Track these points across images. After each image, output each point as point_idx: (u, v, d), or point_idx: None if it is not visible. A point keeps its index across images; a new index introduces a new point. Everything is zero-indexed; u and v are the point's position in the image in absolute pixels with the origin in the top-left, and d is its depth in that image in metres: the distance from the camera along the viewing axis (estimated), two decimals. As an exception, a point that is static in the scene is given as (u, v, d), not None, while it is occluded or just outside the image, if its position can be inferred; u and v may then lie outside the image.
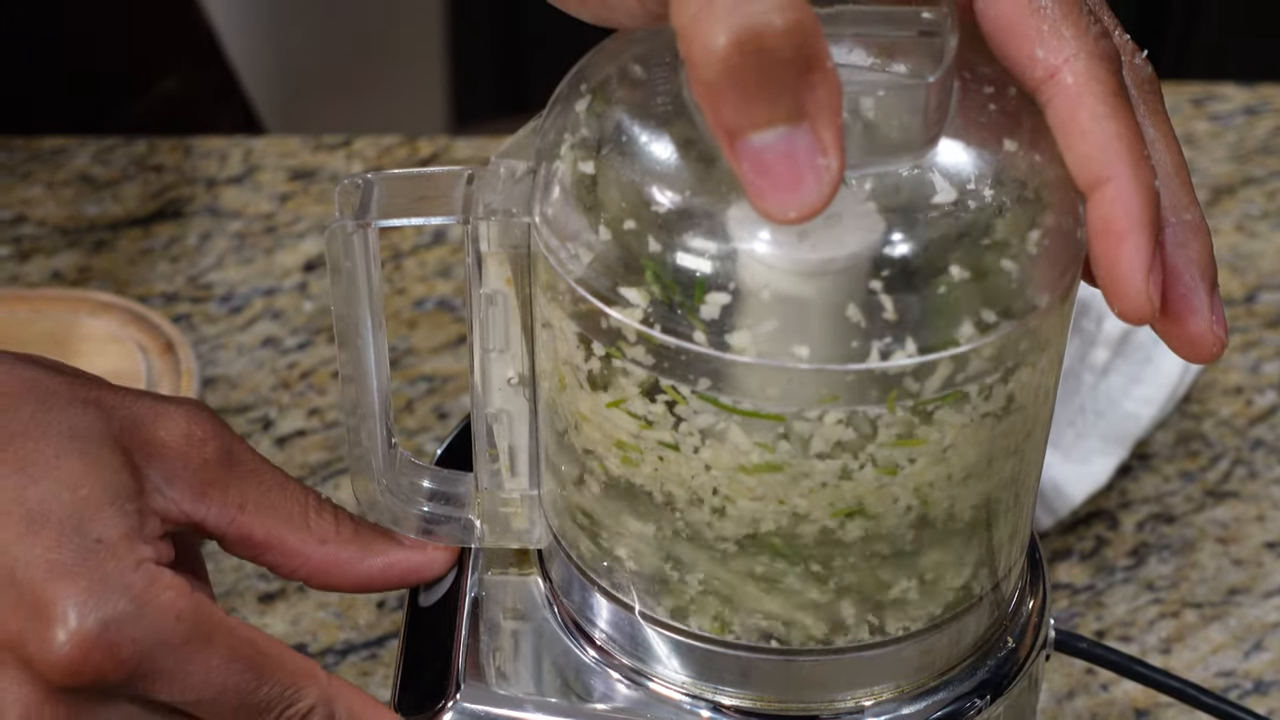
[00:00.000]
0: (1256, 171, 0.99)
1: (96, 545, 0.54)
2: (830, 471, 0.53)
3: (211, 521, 0.58)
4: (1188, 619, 0.78)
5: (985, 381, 0.53)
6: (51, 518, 0.54)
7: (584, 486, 0.58)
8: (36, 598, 0.53)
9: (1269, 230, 0.95)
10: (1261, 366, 0.88)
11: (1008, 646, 0.61)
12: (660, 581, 0.58)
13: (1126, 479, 0.83)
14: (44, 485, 0.55)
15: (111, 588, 0.54)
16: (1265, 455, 0.84)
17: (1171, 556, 0.80)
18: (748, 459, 0.53)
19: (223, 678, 0.55)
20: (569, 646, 0.61)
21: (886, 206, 0.52)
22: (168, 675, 0.55)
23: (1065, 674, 0.75)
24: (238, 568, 0.78)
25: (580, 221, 0.54)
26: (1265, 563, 0.80)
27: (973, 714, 0.59)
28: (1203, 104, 1.03)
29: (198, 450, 0.58)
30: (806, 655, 0.58)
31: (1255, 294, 0.92)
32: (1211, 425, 0.86)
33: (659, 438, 0.54)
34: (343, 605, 0.76)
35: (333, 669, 0.74)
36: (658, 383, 0.53)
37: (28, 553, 0.54)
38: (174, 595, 0.55)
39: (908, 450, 0.53)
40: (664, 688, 0.59)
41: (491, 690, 0.60)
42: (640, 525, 0.57)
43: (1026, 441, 0.56)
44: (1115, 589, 0.78)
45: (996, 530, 0.58)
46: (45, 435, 0.56)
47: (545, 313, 0.56)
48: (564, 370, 0.56)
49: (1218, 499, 0.82)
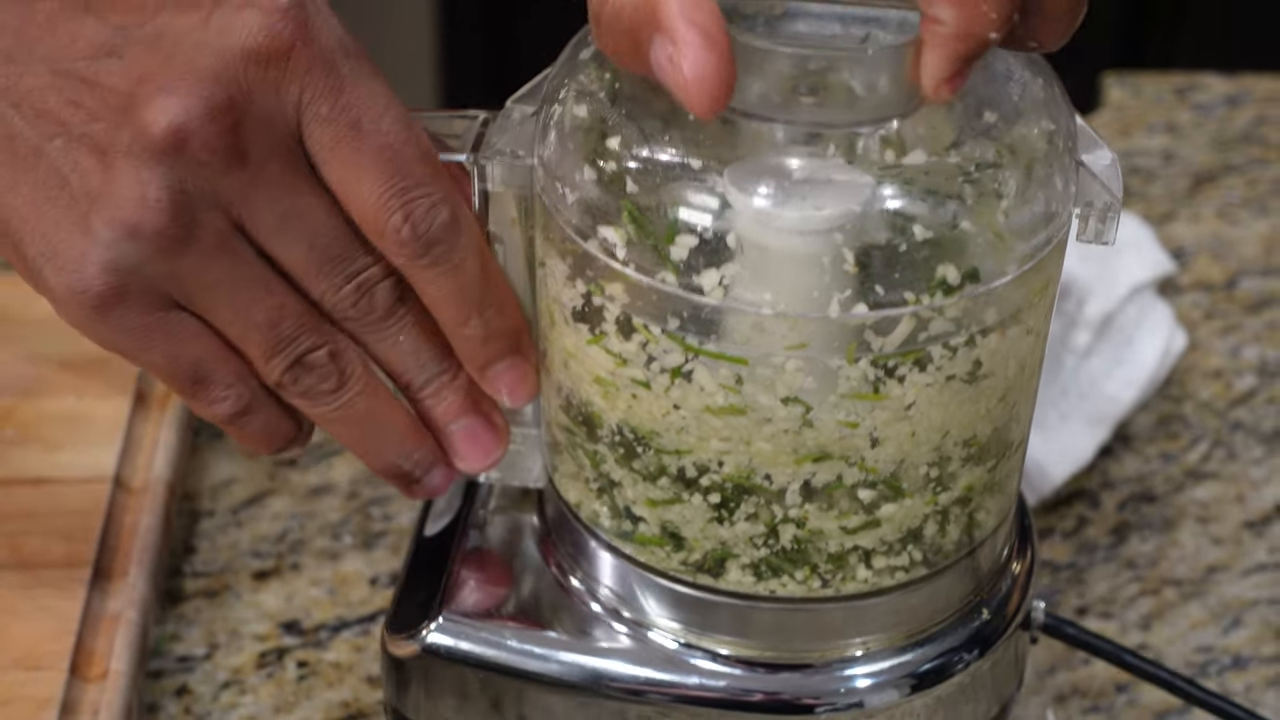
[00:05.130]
0: (1237, 159, 1.00)
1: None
2: (792, 418, 0.55)
3: None
4: (1167, 596, 0.79)
5: (950, 343, 0.54)
6: None
7: (571, 424, 0.59)
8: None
9: (1249, 218, 0.97)
10: (1241, 350, 0.90)
11: (997, 603, 0.63)
12: (638, 521, 0.59)
13: (1108, 459, 0.84)
14: None
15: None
16: (1244, 437, 0.86)
17: (1152, 535, 0.81)
18: (713, 400, 0.55)
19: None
20: (554, 582, 0.63)
21: (861, 166, 0.53)
22: (320, 115, 0.57)
23: (1047, 647, 0.76)
24: (232, 545, 0.79)
25: (570, 162, 0.55)
26: (1244, 541, 0.81)
27: (960, 668, 0.61)
28: (1185, 94, 1.04)
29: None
30: (768, 602, 0.59)
31: (1236, 279, 0.93)
32: (1192, 407, 0.87)
33: (632, 375, 0.56)
34: (336, 582, 0.78)
35: (326, 645, 0.75)
36: (631, 320, 0.55)
37: None
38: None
39: (870, 404, 0.55)
40: (641, 626, 0.61)
41: (474, 618, 0.62)
42: (620, 466, 0.58)
43: (1000, 407, 0.57)
44: (1096, 567, 0.80)
45: (967, 496, 0.59)
46: None
47: (541, 252, 0.58)
48: (554, 308, 0.58)
49: (1197, 479, 0.84)
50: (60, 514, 0.75)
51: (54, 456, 0.78)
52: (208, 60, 0.56)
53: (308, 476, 0.82)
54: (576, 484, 0.61)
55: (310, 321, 0.59)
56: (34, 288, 0.59)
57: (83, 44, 0.57)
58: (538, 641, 0.61)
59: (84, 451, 0.78)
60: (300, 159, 0.57)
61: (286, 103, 0.56)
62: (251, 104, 0.56)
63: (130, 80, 0.56)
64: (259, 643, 0.75)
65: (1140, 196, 0.97)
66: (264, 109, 0.56)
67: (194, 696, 0.73)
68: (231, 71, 0.55)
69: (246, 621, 0.76)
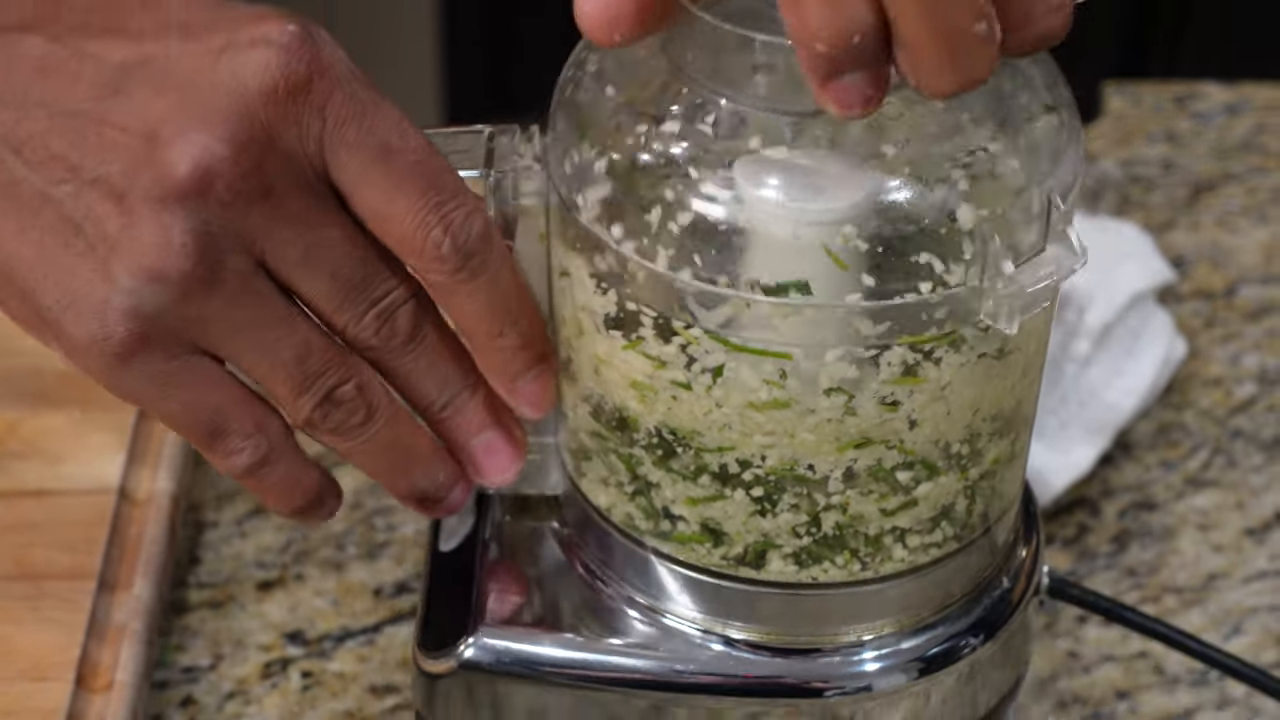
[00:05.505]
0: (1236, 168, 1.00)
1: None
2: (835, 407, 0.56)
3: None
4: (1168, 603, 0.79)
5: (981, 322, 0.55)
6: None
7: (603, 429, 0.60)
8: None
9: (1249, 226, 0.97)
10: (1241, 358, 0.90)
11: (1003, 588, 0.63)
12: (676, 521, 0.60)
13: (1108, 468, 0.84)
14: None
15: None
16: (1244, 445, 0.86)
17: (1152, 543, 0.82)
18: (756, 396, 0.56)
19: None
20: (584, 586, 0.63)
21: (889, 153, 0.54)
22: (340, 143, 0.56)
23: (1048, 657, 0.76)
24: (237, 556, 0.79)
25: (590, 167, 0.56)
26: (1244, 549, 0.81)
27: (967, 652, 0.62)
28: (1184, 103, 1.04)
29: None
30: (810, 589, 0.60)
31: (1235, 288, 0.94)
32: (1192, 415, 0.87)
33: (672, 377, 0.56)
34: (340, 592, 0.78)
35: (330, 655, 0.76)
36: (670, 323, 0.56)
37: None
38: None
39: (908, 387, 0.56)
40: (676, 622, 0.62)
41: (510, 628, 0.62)
42: (658, 467, 0.59)
43: (1022, 381, 0.59)
44: (1097, 574, 0.80)
45: (993, 469, 0.60)
46: None
47: (562, 261, 0.59)
48: (581, 316, 0.58)
49: (1198, 487, 0.84)
50: (65, 526, 0.75)
51: (58, 469, 0.78)
52: (224, 100, 0.55)
53: (311, 487, 0.82)
54: (607, 489, 0.61)
55: (336, 356, 0.59)
56: (41, 338, 0.58)
57: (84, 86, 0.56)
58: (575, 646, 0.62)
59: (88, 463, 0.78)
60: (320, 190, 0.57)
61: (308, 137, 0.56)
62: (273, 141, 0.56)
63: (144, 121, 0.55)
64: (263, 653, 0.76)
65: (1140, 205, 0.98)
66: (286, 145, 0.56)
67: (199, 707, 0.74)
68: (251, 110, 0.55)
69: (251, 632, 0.77)
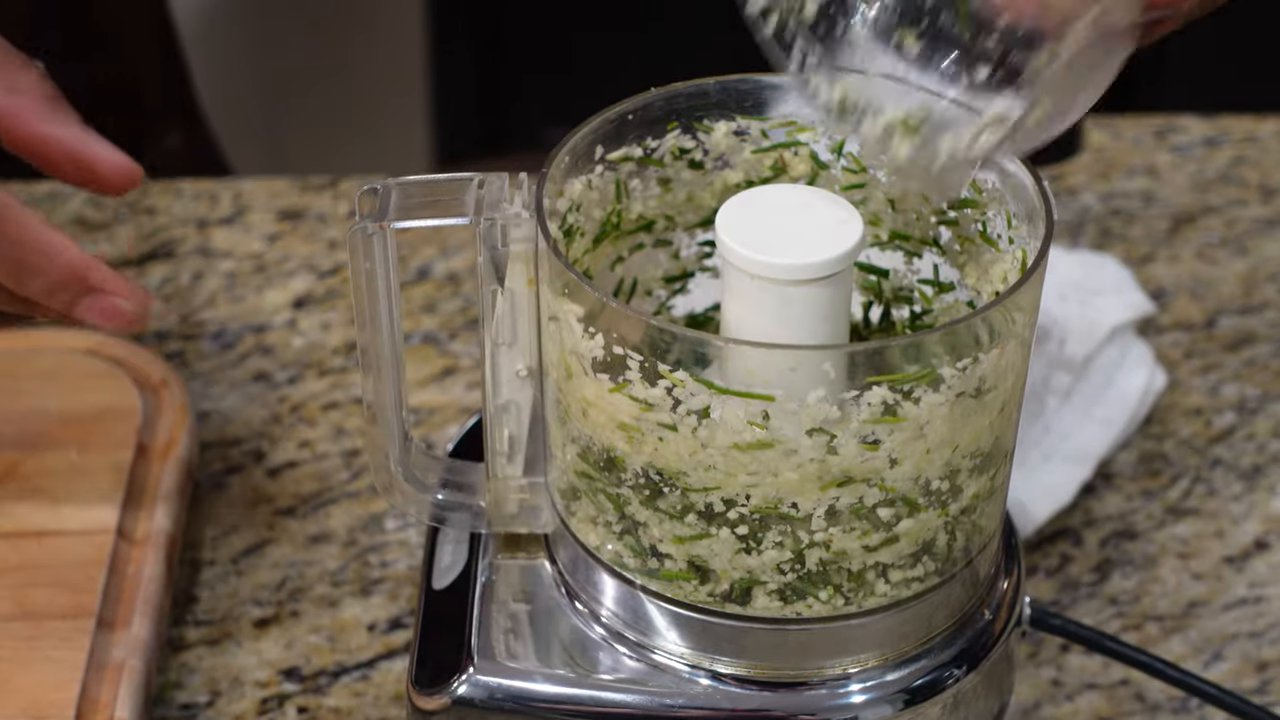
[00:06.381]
0: (1215, 200, 1.02)
1: None
2: (817, 447, 0.57)
3: None
4: (1150, 631, 0.80)
5: (959, 364, 0.57)
6: None
7: (591, 470, 0.61)
8: None
9: (1228, 257, 0.98)
10: (1220, 389, 0.91)
11: (985, 619, 0.65)
12: (663, 559, 0.61)
13: (1090, 498, 0.86)
14: None
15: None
16: (1224, 474, 0.87)
17: (1134, 572, 0.83)
18: (741, 437, 0.57)
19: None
20: (575, 623, 0.65)
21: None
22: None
23: (1032, 685, 0.78)
24: (233, 594, 0.80)
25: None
26: (1224, 576, 0.83)
27: (950, 683, 0.63)
28: (1164, 135, 1.06)
29: None
30: (795, 625, 0.61)
31: (1215, 319, 0.95)
32: (1172, 445, 0.89)
33: (658, 419, 0.58)
34: (335, 629, 0.79)
35: (325, 691, 0.77)
36: (656, 367, 0.57)
37: None
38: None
39: (889, 426, 0.57)
40: (664, 658, 0.63)
41: (503, 664, 0.63)
42: (645, 507, 0.60)
43: (1000, 417, 0.60)
44: (1080, 604, 0.81)
45: (973, 504, 0.62)
46: None
47: (551, 306, 0.60)
48: (570, 360, 0.60)
49: (1178, 516, 0.85)
50: (64, 566, 0.77)
51: (57, 509, 0.79)
52: None
53: (306, 525, 0.83)
54: (596, 527, 0.63)
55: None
56: None
57: None
58: (567, 682, 0.63)
59: (86, 504, 0.79)
60: None
61: None
62: None
63: None
64: (260, 689, 0.77)
65: (1120, 238, 0.99)
66: None
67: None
68: None
69: (248, 669, 0.78)
